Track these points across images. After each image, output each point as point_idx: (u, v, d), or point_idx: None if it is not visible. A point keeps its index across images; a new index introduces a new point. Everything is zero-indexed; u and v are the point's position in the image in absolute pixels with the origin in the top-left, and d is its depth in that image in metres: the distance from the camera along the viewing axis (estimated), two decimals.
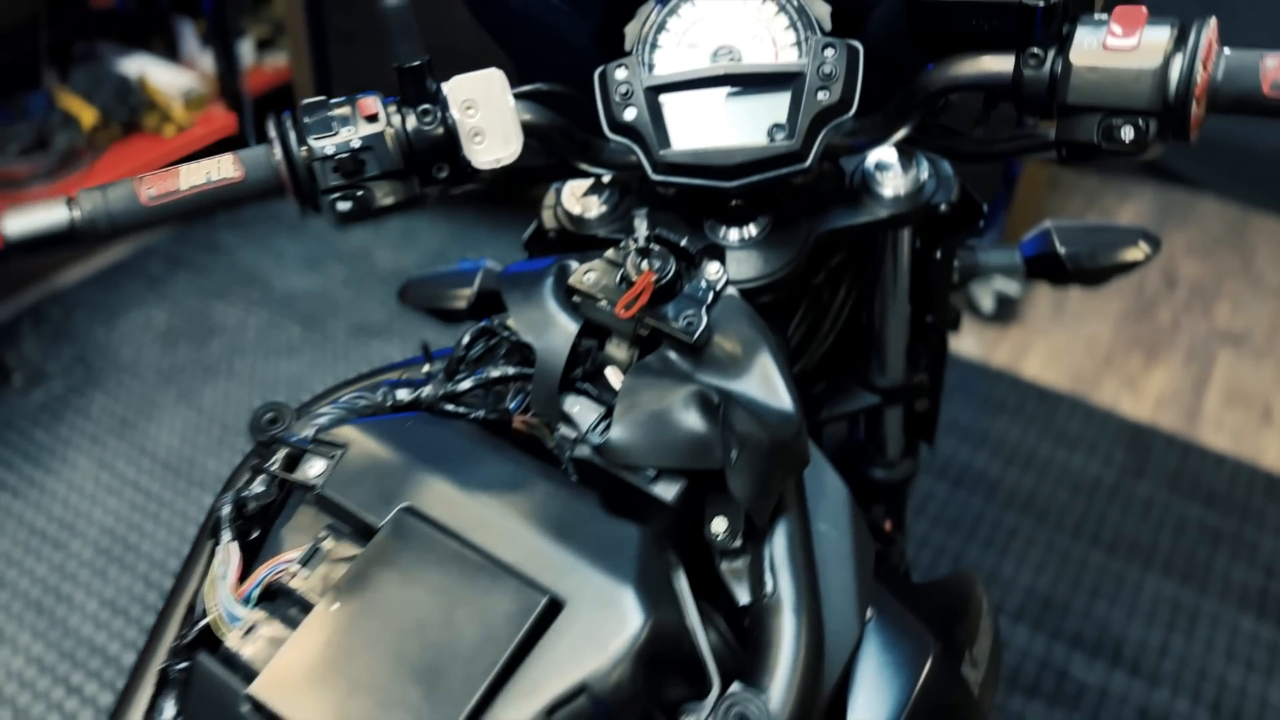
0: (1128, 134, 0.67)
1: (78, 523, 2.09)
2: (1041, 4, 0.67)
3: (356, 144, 0.75)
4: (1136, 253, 0.95)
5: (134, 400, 2.35)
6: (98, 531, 2.07)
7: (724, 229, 0.87)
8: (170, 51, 2.91)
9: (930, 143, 0.81)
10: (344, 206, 0.75)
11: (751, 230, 0.87)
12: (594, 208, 0.92)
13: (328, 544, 0.70)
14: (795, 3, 0.79)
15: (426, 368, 0.85)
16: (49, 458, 2.21)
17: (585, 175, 0.91)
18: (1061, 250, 0.95)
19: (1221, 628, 2.02)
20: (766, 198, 0.86)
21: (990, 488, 2.28)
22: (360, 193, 0.76)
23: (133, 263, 2.74)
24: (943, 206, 0.88)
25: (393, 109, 0.76)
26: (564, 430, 0.78)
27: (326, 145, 0.74)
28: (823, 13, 0.81)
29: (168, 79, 2.72)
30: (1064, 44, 0.68)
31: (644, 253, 0.76)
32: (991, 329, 2.71)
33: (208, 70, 2.82)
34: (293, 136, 0.74)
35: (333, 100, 0.76)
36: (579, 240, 0.92)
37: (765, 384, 0.76)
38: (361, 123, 0.75)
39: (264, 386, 2.39)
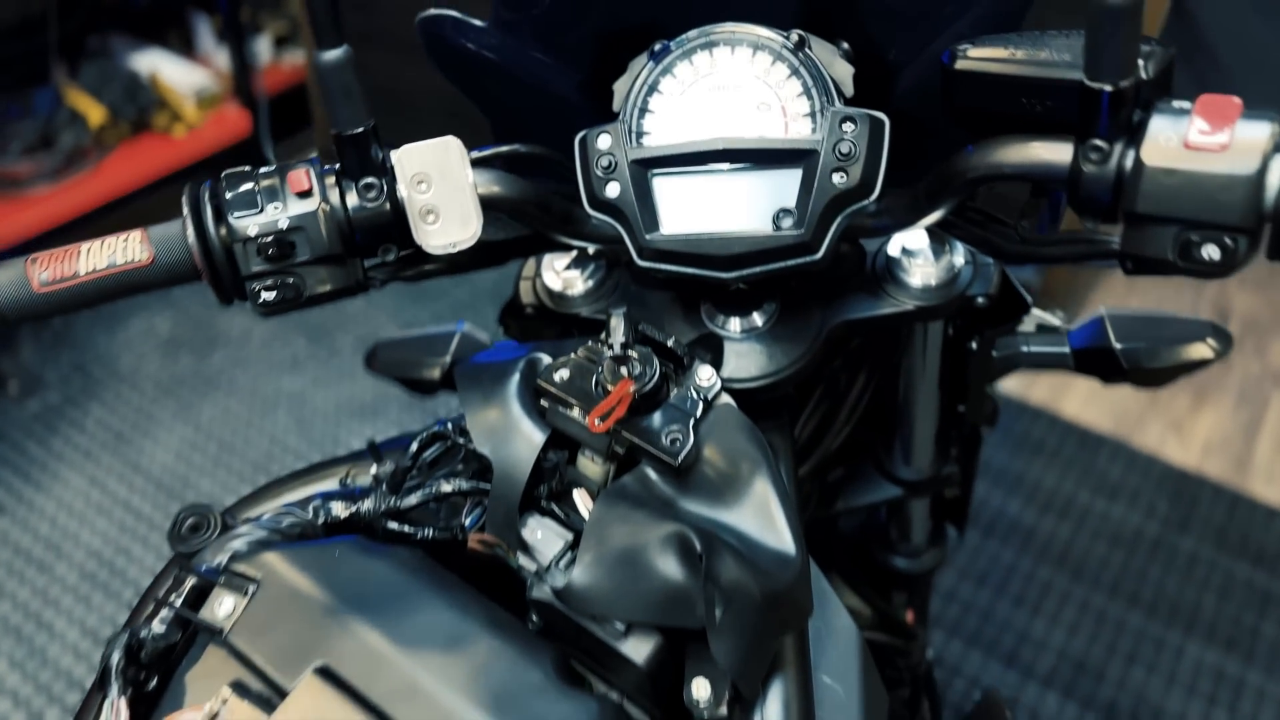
0: (1212, 253, 0.54)
1: (64, 544, 2.00)
2: (1108, 88, 0.54)
3: (285, 224, 0.63)
4: (1204, 351, 0.82)
5: (130, 413, 2.27)
6: (84, 554, 1.99)
7: (724, 316, 0.75)
8: (186, 47, 2.82)
9: (966, 233, 0.69)
10: (269, 297, 0.64)
11: (756, 320, 0.75)
12: (577, 284, 0.81)
13: (230, 706, 0.59)
14: (811, 64, 0.67)
15: (374, 469, 0.74)
16: (40, 473, 2.13)
17: (566, 249, 0.79)
18: (1117, 345, 0.83)
19: (1269, 702, 1.88)
20: (774, 282, 0.74)
21: (1024, 538, 2.14)
22: (290, 280, 0.64)
23: None
24: (980, 299, 0.76)
25: (331, 181, 0.65)
26: (524, 561, 0.67)
27: (250, 225, 0.63)
28: (844, 74, 0.68)
29: (180, 76, 2.63)
30: (1135, 137, 0.55)
31: (620, 360, 0.65)
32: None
33: (223, 68, 2.73)
34: (209, 213, 0.63)
35: (261, 170, 0.65)
36: (560, 319, 0.81)
37: (762, 516, 0.64)
38: (291, 199, 0.64)
39: (264, 404, 2.30)
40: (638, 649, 0.62)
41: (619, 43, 0.72)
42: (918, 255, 0.75)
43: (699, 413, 0.66)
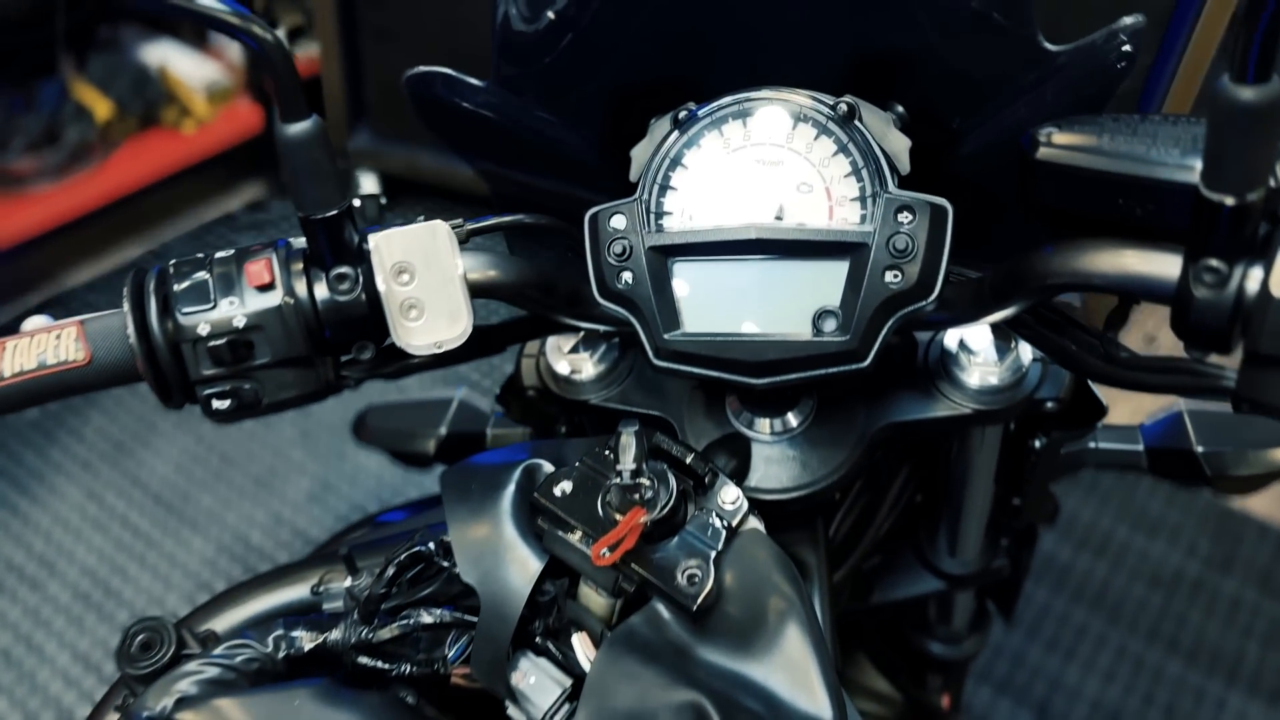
0: None
1: (58, 561, 1.93)
2: (1231, 201, 0.44)
3: (241, 322, 0.54)
4: None
5: (131, 422, 2.19)
6: (78, 572, 1.92)
7: (752, 415, 0.66)
8: (198, 38, 2.73)
9: (1036, 336, 0.59)
10: (221, 406, 0.55)
11: (790, 420, 0.65)
12: (586, 367, 0.71)
13: None
14: (862, 138, 0.57)
15: (348, 581, 0.65)
16: (36, 484, 2.06)
17: (574, 330, 0.70)
18: (1199, 449, 0.73)
19: None
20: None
21: (1058, 576, 2.04)
22: (246, 385, 0.55)
23: (149, 262, 2.58)
24: (1049, 404, 0.66)
25: (298, 268, 0.56)
26: (513, 712, 0.58)
27: (200, 323, 0.54)
28: (899, 148, 0.58)
29: (191, 69, 2.54)
30: (1262, 258, 0.45)
31: (630, 488, 0.55)
32: None
33: (236, 61, 2.64)
34: (154, 307, 0.54)
35: (217, 257, 0.56)
36: (566, 405, 0.72)
37: (793, 670, 0.55)
38: (249, 293, 0.54)
39: (271, 417, 2.22)
40: None
41: (639, 101, 0.62)
42: (978, 353, 0.65)
43: (721, 543, 0.57)
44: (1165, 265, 0.48)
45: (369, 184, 2.63)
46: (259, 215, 2.75)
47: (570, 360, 0.71)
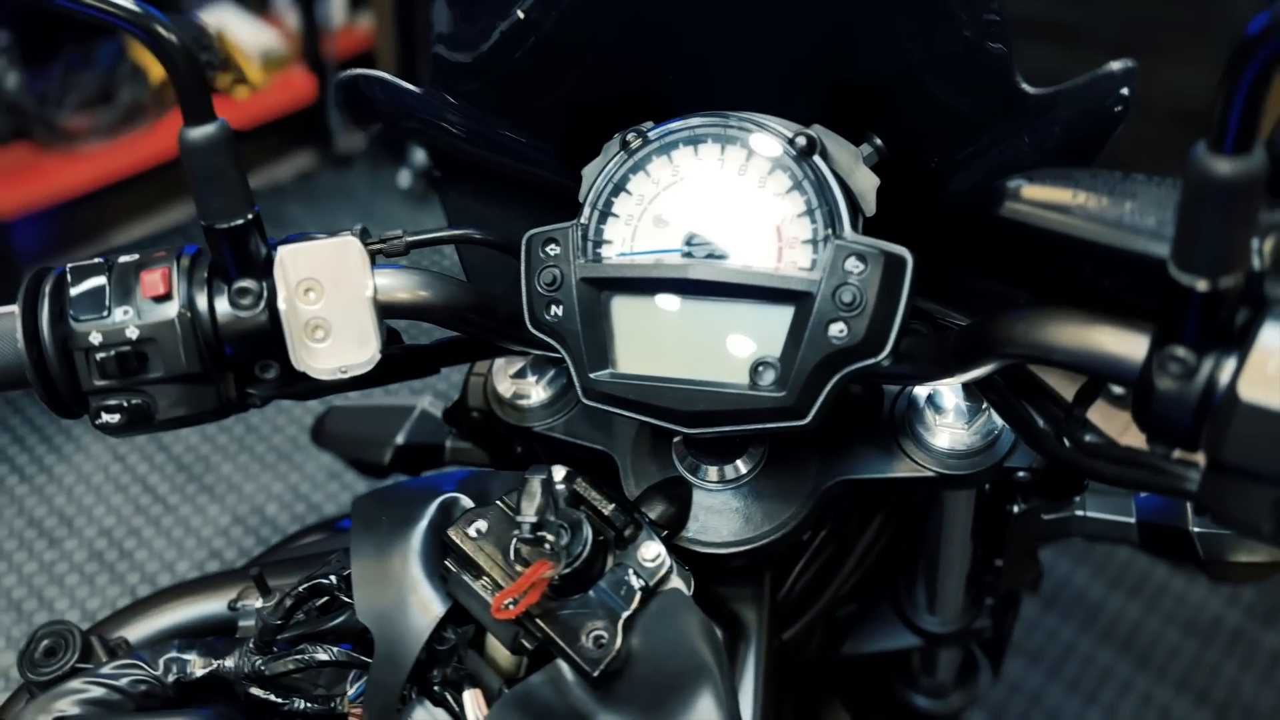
0: None
1: (77, 519, 1.95)
2: (1201, 286, 0.39)
3: (134, 334, 0.51)
4: None
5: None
6: (95, 531, 1.93)
7: (697, 460, 0.61)
8: (259, 4, 2.73)
9: (1002, 404, 0.53)
10: (110, 420, 0.52)
11: (739, 468, 0.61)
12: (532, 392, 0.67)
13: None
14: (818, 176, 0.51)
15: (259, 602, 0.62)
16: (64, 441, 2.09)
17: (516, 354, 0.66)
18: (1195, 529, 0.66)
19: None
20: None
21: (1088, 614, 1.96)
22: (137, 400, 0.52)
23: (190, 228, 2.59)
24: (1020, 474, 0.60)
25: (201, 278, 0.52)
26: None
27: (92, 332, 0.51)
28: (866, 187, 0.53)
29: (248, 35, 2.54)
30: (1235, 351, 0.40)
31: (532, 542, 0.51)
32: (1122, 415, 2.34)
33: (294, 28, 2.63)
34: (46, 312, 0.51)
35: (120, 261, 0.53)
36: (511, 431, 0.67)
37: None
38: (144, 303, 0.51)
39: None
40: None
41: (604, 115, 0.58)
42: (947, 412, 0.60)
43: (635, 604, 0.53)
44: (1131, 346, 0.43)
45: (421, 158, 2.61)
46: (308, 186, 2.75)
47: (516, 384, 0.67)
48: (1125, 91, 0.48)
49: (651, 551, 0.54)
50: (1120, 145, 0.51)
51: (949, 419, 0.60)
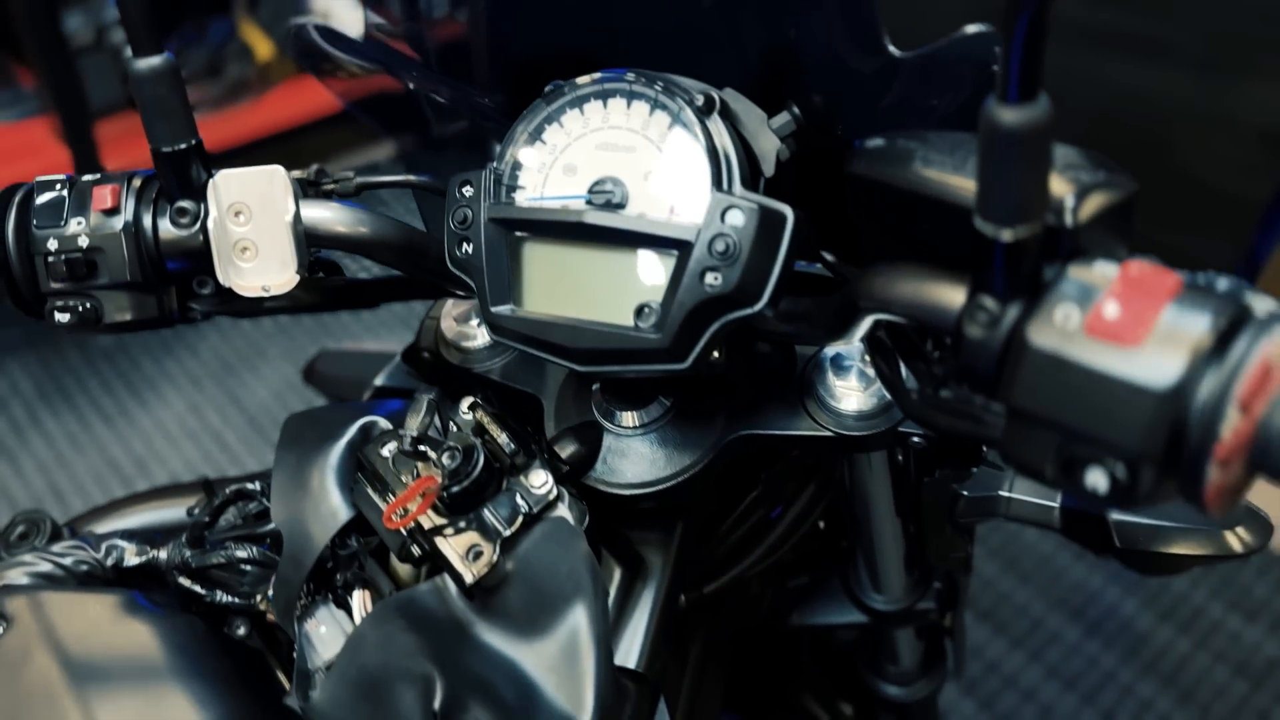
0: (1097, 480, 0.39)
1: (150, 463, 2.08)
2: (1004, 235, 0.40)
3: (84, 243, 0.57)
4: (1226, 544, 0.64)
5: (243, 346, 2.33)
6: (165, 476, 2.05)
7: (613, 407, 0.64)
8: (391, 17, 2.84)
9: (882, 364, 0.55)
10: (61, 318, 0.58)
11: (651, 413, 0.63)
12: (475, 334, 0.71)
13: None
14: (718, 132, 0.54)
15: (202, 505, 0.67)
16: (147, 390, 2.22)
17: (453, 295, 0.70)
18: (1114, 517, 0.66)
19: None
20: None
21: (1132, 645, 1.90)
22: (87, 304, 0.58)
23: None
24: (915, 439, 0.61)
25: (149, 197, 0.58)
26: (298, 656, 0.59)
27: (50, 239, 0.57)
28: (768, 148, 0.55)
29: (353, 21, 2.65)
30: (1033, 303, 0.41)
31: (415, 455, 0.55)
32: None
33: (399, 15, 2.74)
34: (12, 222, 0.57)
35: (82, 179, 0.59)
36: (454, 372, 0.72)
37: (563, 664, 0.54)
38: (96, 216, 0.57)
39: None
40: None
41: (536, 72, 0.61)
42: (848, 374, 0.61)
43: (515, 526, 0.56)
44: (953, 297, 0.44)
45: None
46: (401, 168, 2.85)
47: (460, 328, 0.71)
48: (984, 55, 0.48)
49: (539, 479, 0.57)
50: (1207, 165, 0.51)
51: (851, 383, 0.61)
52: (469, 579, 0.54)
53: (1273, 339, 0.37)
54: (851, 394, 0.61)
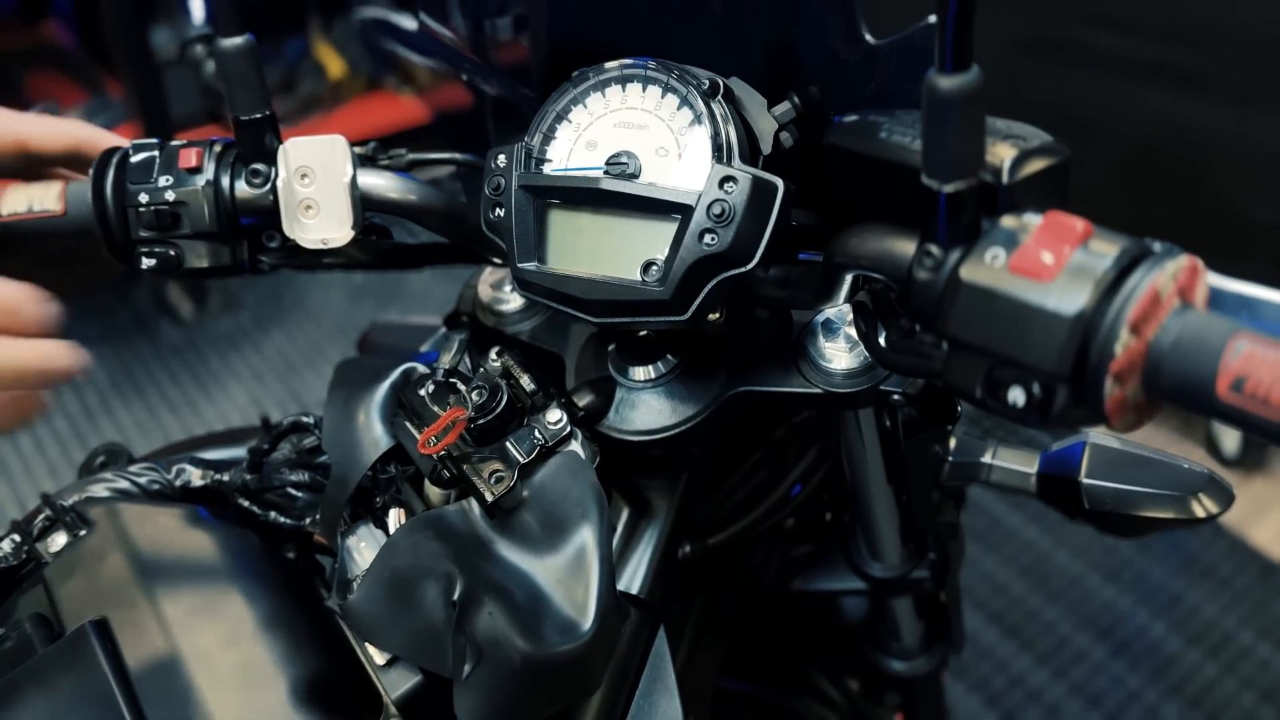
0: (1015, 396, 0.46)
1: None
2: (946, 189, 0.47)
3: (170, 197, 0.66)
4: (1189, 509, 0.69)
5: (306, 346, 2.44)
6: None
7: (626, 363, 0.71)
8: (442, 16, 2.98)
9: (861, 322, 0.62)
10: (148, 263, 0.67)
11: (659, 369, 0.71)
12: (508, 299, 0.79)
13: (17, 637, 0.63)
14: (720, 113, 0.61)
15: (261, 438, 0.76)
16: (212, 384, 2.34)
17: (488, 262, 0.78)
18: (1085, 480, 0.71)
19: None
20: (681, 335, 0.70)
21: (1159, 667, 1.92)
22: (170, 251, 0.67)
23: None
24: (895, 397, 0.68)
25: (227, 161, 0.67)
26: (340, 567, 0.67)
27: (141, 193, 0.66)
28: (766, 130, 0.63)
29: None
30: (970, 248, 0.48)
31: (447, 388, 0.63)
32: (1229, 476, 2.27)
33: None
34: (111, 177, 0.67)
35: (170, 144, 0.68)
36: (488, 333, 0.79)
37: (570, 577, 0.61)
38: (181, 174, 0.66)
39: None
40: (394, 683, 0.61)
41: (566, 62, 0.69)
42: (836, 335, 0.68)
43: (532, 455, 0.64)
44: (906, 248, 0.51)
45: None
46: (461, 182, 2.97)
47: (494, 293, 0.79)
48: None
49: (554, 416, 0.65)
50: (1244, 194, 0.56)
51: (839, 345, 0.68)
52: (489, 498, 0.62)
53: (1164, 270, 0.43)
54: (840, 355, 0.68)
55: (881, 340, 0.57)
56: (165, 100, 2.39)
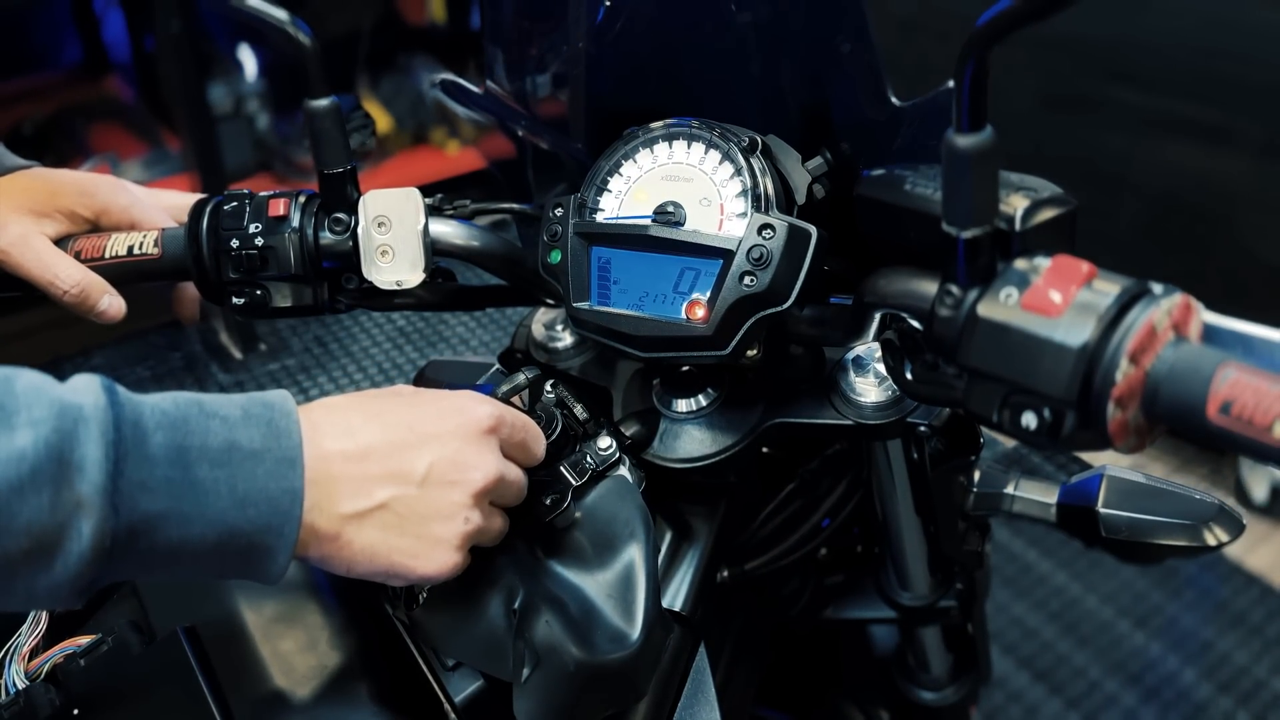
0: (1029, 420, 0.51)
1: None
2: (965, 235, 0.53)
3: (259, 243, 0.73)
4: (1200, 537, 0.73)
5: (350, 389, 2.52)
6: None
7: (669, 395, 0.77)
8: (482, 73, 3.09)
9: (889, 357, 0.67)
10: (237, 302, 0.74)
11: (701, 401, 0.76)
12: (560, 337, 0.85)
13: (107, 645, 0.69)
14: (759, 167, 0.68)
15: None
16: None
17: (542, 303, 0.84)
18: (1102, 510, 0.75)
19: None
20: (721, 370, 0.76)
21: (1189, 713, 1.92)
22: (258, 292, 0.74)
23: None
24: (922, 428, 0.73)
25: (311, 210, 0.74)
26: None
27: (232, 239, 0.73)
28: (800, 183, 0.69)
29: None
30: (987, 288, 0.53)
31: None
32: (1259, 524, 2.29)
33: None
34: (205, 225, 0.74)
35: (258, 195, 0.75)
36: (541, 369, 0.85)
37: (618, 590, 0.66)
38: (269, 222, 0.73)
39: None
40: (457, 688, 0.66)
41: (626, 119, 0.76)
42: (867, 373, 0.73)
43: (584, 479, 0.69)
44: (929, 288, 0.57)
45: None
46: (517, 229, 3.06)
47: (548, 331, 0.85)
48: None
49: (605, 443, 0.71)
50: (1269, 246, 0.60)
51: (869, 380, 0.73)
52: (548, 519, 0.67)
53: (1159, 307, 0.48)
54: (870, 389, 0.73)
55: (908, 373, 0.63)
56: (220, 152, 2.49)
